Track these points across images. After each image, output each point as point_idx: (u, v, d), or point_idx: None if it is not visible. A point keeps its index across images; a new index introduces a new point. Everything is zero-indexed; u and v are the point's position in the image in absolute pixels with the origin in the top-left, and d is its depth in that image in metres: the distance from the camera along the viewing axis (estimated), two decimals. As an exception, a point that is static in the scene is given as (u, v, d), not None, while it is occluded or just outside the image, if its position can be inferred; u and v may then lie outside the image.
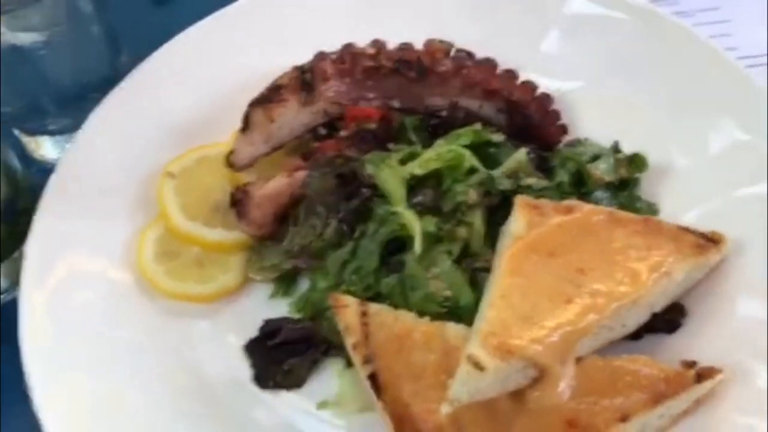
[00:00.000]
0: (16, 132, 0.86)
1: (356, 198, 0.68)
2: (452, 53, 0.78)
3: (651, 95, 0.76)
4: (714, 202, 0.69)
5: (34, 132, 0.85)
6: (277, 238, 0.72)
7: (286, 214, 0.72)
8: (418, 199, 0.68)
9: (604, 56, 0.78)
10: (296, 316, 0.69)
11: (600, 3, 0.80)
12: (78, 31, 0.76)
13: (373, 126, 0.75)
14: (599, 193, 0.70)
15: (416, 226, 0.65)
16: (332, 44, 0.79)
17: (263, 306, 0.70)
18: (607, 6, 0.80)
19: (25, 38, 0.74)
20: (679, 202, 0.70)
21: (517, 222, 0.62)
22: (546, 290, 0.58)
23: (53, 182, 0.73)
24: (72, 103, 0.81)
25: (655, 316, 0.63)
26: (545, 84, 0.77)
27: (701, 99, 0.74)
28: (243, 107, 0.75)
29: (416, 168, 0.68)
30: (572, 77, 0.79)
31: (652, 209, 0.70)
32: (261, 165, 0.76)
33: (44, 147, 0.86)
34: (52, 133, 0.85)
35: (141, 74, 0.80)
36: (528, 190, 0.68)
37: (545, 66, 0.79)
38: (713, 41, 0.78)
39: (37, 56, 0.75)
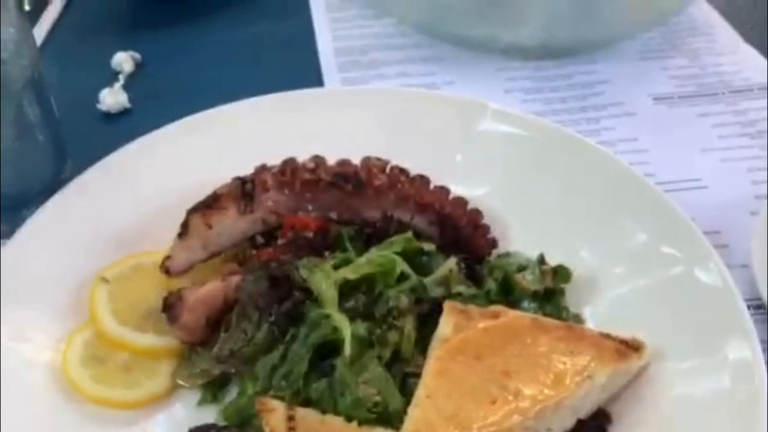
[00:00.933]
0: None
1: (288, 301, 0.69)
2: (387, 170, 0.82)
3: (575, 213, 0.80)
4: (637, 312, 0.72)
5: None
6: (209, 344, 0.71)
7: (219, 320, 0.72)
8: (351, 304, 0.69)
9: (527, 174, 0.83)
10: (224, 423, 0.67)
11: (515, 124, 0.86)
12: (24, 138, 0.79)
13: (310, 235, 0.77)
14: (526, 303, 0.72)
15: (347, 329, 0.66)
16: (271, 162, 0.82)
17: (192, 413, 0.69)
18: (524, 128, 0.86)
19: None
20: (603, 312, 0.73)
21: (445, 325, 0.64)
22: (471, 391, 0.58)
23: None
24: (12, 210, 0.81)
25: (581, 423, 0.63)
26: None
27: (622, 218, 0.79)
28: (182, 219, 0.77)
29: (349, 273, 0.69)
30: (493, 191, 0.83)
31: (577, 319, 0.72)
32: (197, 272, 0.76)
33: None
34: (-12, 238, 0.84)
35: (81, 183, 0.82)
36: (458, 297, 0.70)
37: (465, 181, 0.83)
38: (633, 167, 0.84)
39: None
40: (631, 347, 0.65)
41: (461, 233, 0.79)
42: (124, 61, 1.10)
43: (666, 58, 1.13)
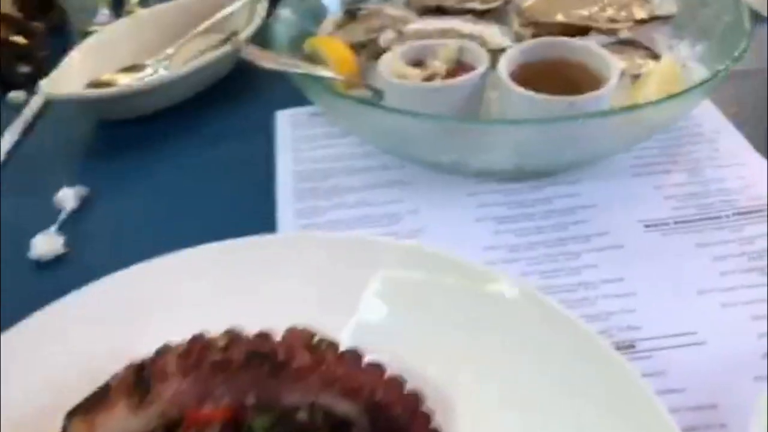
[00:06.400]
0: None
1: None
2: (314, 342, 0.71)
3: (536, 403, 0.66)
4: None
5: None
6: None
7: None
8: None
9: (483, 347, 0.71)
10: None
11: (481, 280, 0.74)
12: None
13: (215, 432, 0.66)
14: None
15: None
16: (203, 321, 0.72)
17: None
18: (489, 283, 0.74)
19: None
20: None
21: None
22: None
23: None
24: None
25: None
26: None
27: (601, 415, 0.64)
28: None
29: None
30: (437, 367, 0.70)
31: None
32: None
33: None
34: None
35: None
36: None
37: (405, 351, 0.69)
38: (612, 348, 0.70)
39: None
40: None
41: (395, 423, 0.67)
42: (66, 199, 1.03)
43: (662, 173, 1.00)
